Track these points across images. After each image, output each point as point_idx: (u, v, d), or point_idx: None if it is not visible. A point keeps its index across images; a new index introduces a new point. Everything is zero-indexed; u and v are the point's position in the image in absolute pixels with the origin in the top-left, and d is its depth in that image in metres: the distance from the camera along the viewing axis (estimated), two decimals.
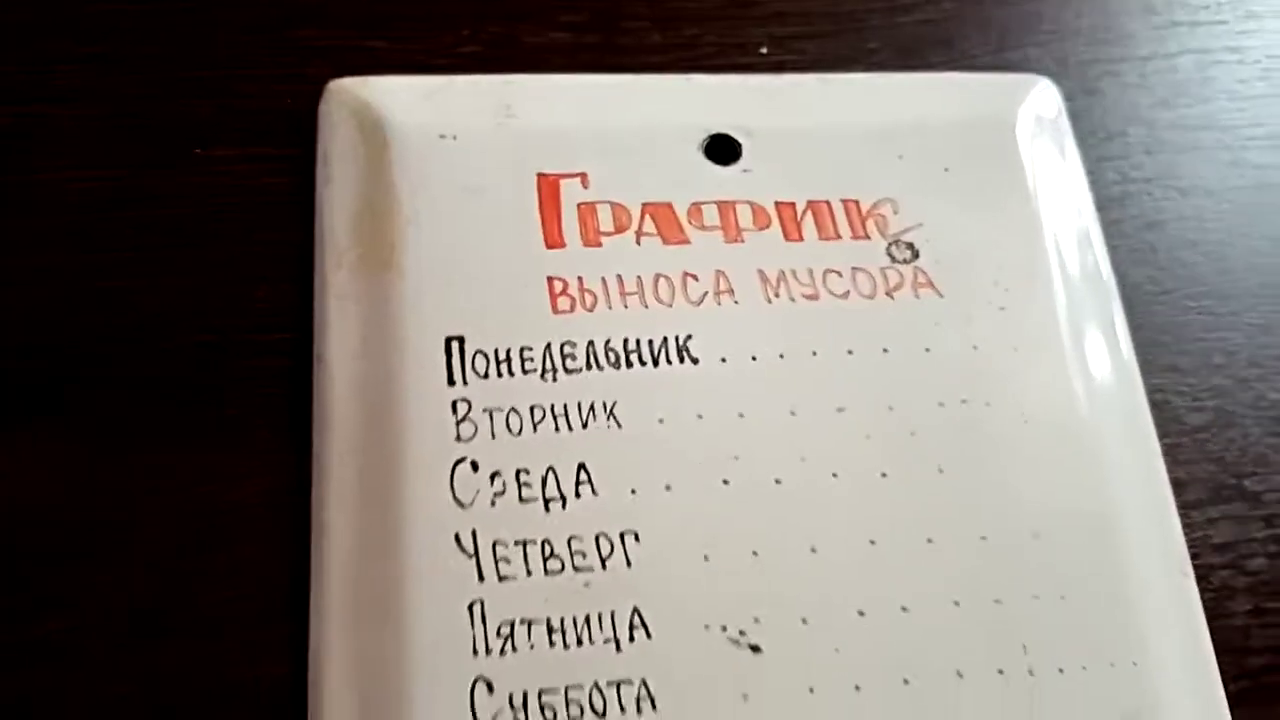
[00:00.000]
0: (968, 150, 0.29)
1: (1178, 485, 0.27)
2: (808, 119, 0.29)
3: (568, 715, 0.23)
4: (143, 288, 0.26)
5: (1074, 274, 0.28)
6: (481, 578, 0.23)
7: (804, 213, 0.28)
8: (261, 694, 0.23)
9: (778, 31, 0.30)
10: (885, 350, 0.26)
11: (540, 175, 0.27)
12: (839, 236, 0.28)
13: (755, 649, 0.23)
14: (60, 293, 0.26)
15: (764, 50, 0.30)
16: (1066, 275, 0.28)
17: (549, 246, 0.26)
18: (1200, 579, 0.26)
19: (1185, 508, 0.27)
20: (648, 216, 0.27)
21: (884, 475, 0.25)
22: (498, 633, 0.23)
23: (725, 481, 0.25)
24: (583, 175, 0.27)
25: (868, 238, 0.28)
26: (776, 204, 0.28)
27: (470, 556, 0.24)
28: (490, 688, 0.23)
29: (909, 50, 0.31)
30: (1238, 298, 0.29)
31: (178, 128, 0.28)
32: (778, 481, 0.25)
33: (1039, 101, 0.30)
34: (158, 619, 0.24)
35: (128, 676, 0.23)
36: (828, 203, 0.28)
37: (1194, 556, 0.26)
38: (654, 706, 0.23)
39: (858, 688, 0.23)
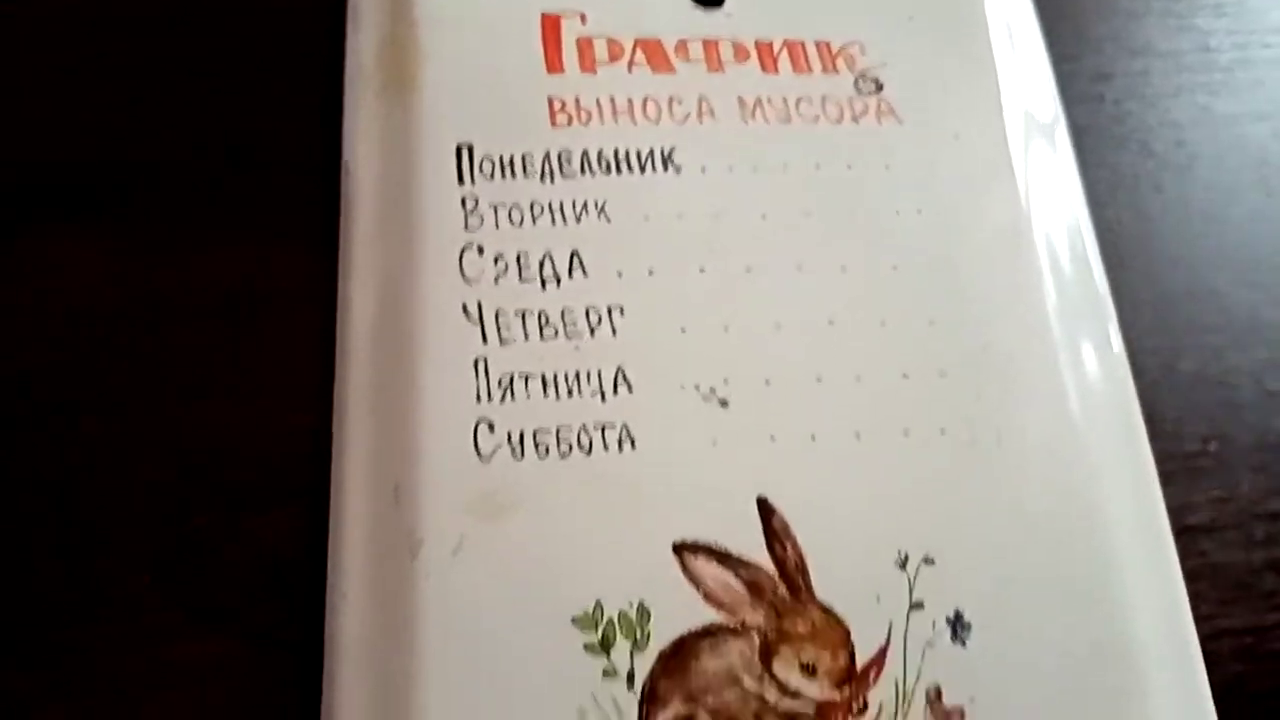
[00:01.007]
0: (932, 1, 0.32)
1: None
2: None
3: (558, 451, 0.26)
4: (191, 100, 0.30)
5: (1026, 110, 0.31)
6: (485, 340, 0.27)
7: (780, 49, 0.31)
8: (293, 438, 0.27)
9: None
10: (849, 166, 0.30)
11: (544, 14, 0.31)
12: (811, 70, 0.31)
13: (724, 403, 0.27)
14: (109, 101, 0.30)
15: None
16: (1018, 111, 0.31)
17: (550, 72, 0.30)
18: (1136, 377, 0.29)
19: (1124, 323, 0.30)
20: (639, 49, 0.31)
21: (843, 269, 0.28)
22: (499, 384, 0.26)
23: (701, 269, 0.28)
24: (582, 14, 0.31)
25: (837, 72, 0.31)
26: (756, 42, 0.31)
27: (475, 323, 0.27)
28: (491, 428, 0.26)
29: None
30: (1179, 128, 0.32)
31: None
32: (748, 270, 0.28)
33: None
34: (202, 385, 0.27)
35: (174, 429, 0.26)
36: (802, 42, 0.31)
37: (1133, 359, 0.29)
38: (634, 446, 0.26)
39: (813, 438, 0.27)
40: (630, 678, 0.24)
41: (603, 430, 0.26)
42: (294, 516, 0.26)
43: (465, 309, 0.27)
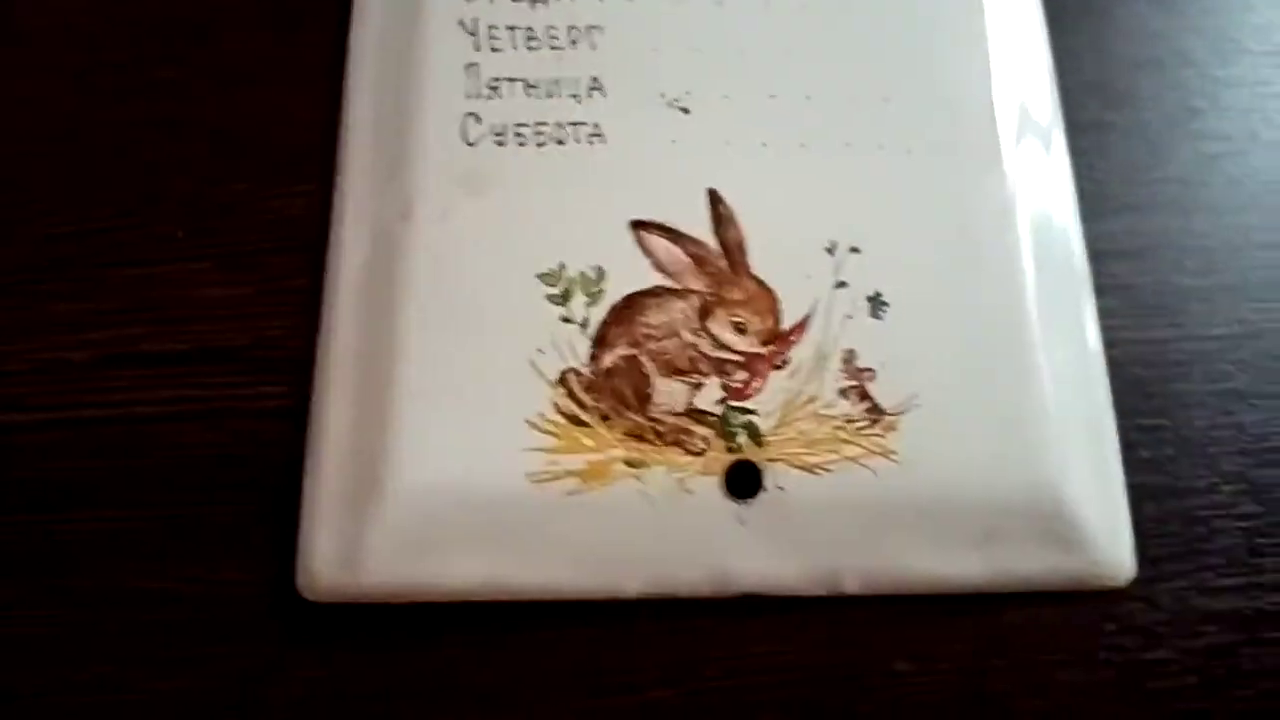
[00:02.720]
0: None
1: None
2: None
3: (536, 142, 0.30)
4: None
5: None
6: (478, 49, 0.31)
7: None
8: (303, 128, 0.31)
9: None
10: None
11: None
12: None
13: (685, 110, 0.30)
14: None
15: None
16: None
17: None
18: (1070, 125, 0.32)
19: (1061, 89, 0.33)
20: None
21: (804, 8, 0.32)
22: (488, 85, 0.30)
23: (676, 0, 0.31)
24: None
25: None
26: None
27: (471, 35, 0.31)
28: (478, 119, 0.30)
29: None
30: None
31: None
32: (718, 4, 0.31)
33: None
34: (230, 75, 0.31)
35: (211, 115, 0.31)
36: None
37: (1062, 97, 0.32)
38: (604, 141, 0.30)
39: (764, 144, 0.30)
40: (584, 324, 0.28)
41: (576, 128, 0.30)
42: (309, 191, 0.30)
43: (462, 23, 0.31)
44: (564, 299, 0.28)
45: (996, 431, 0.28)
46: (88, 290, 0.29)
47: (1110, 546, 0.27)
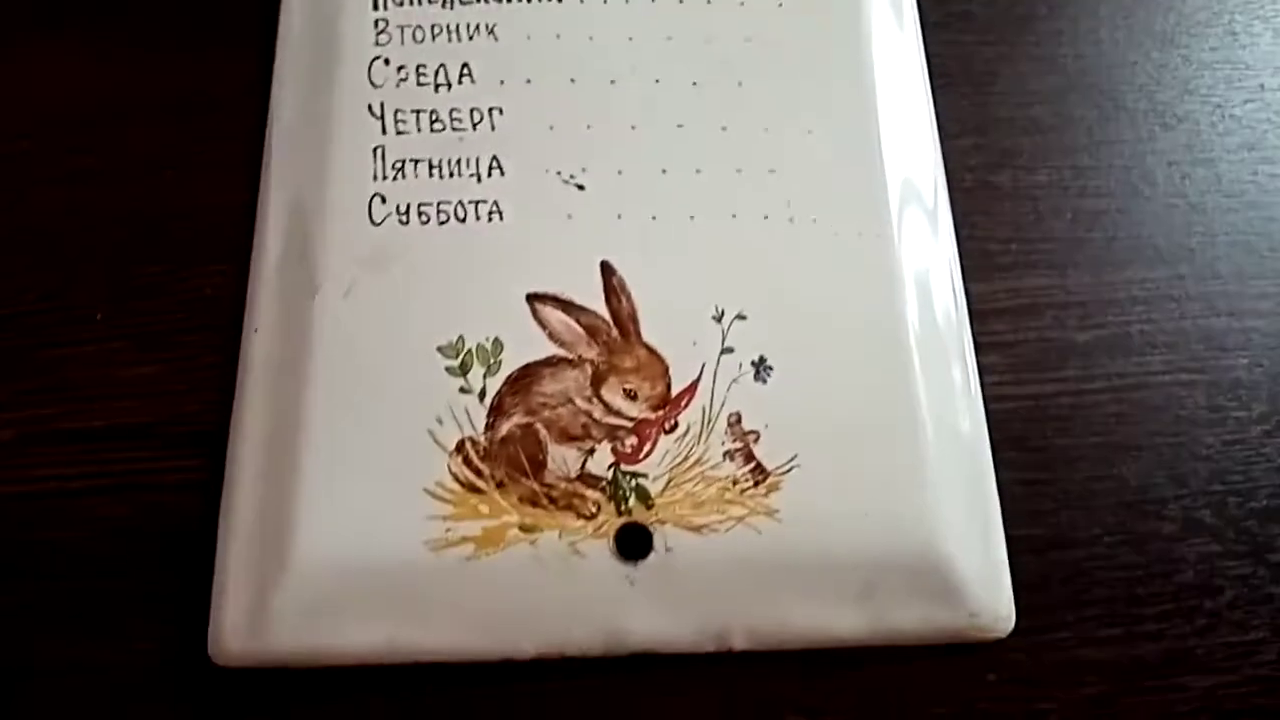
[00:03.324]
0: None
1: (944, 122, 0.34)
2: None
3: (438, 219, 0.31)
4: None
5: None
6: (384, 132, 0.32)
7: None
8: (228, 210, 0.32)
9: None
10: (708, 2, 0.34)
11: None
12: None
13: (580, 187, 0.32)
14: None
15: None
16: None
17: None
18: (952, 187, 0.33)
19: (947, 137, 0.34)
20: None
21: (695, 84, 0.33)
22: (392, 166, 0.32)
23: (572, 80, 0.33)
24: None
25: None
26: None
27: (378, 119, 0.32)
28: (383, 200, 0.31)
29: None
30: None
31: None
32: (612, 82, 0.33)
33: None
34: (154, 162, 0.33)
35: (131, 200, 0.32)
36: None
37: (949, 172, 0.34)
38: (502, 218, 0.31)
39: (654, 218, 0.32)
40: (482, 394, 0.29)
41: (476, 205, 0.31)
42: (224, 271, 0.31)
43: (370, 108, 0.32)
44: (462, 370, 0.29)
45: (876, 489, 0.29)
46: (8, 371, 0.30)
47: (989, 599, 0.29)
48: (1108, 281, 0.33)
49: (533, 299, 0.30)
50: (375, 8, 0.34)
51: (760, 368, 0.30)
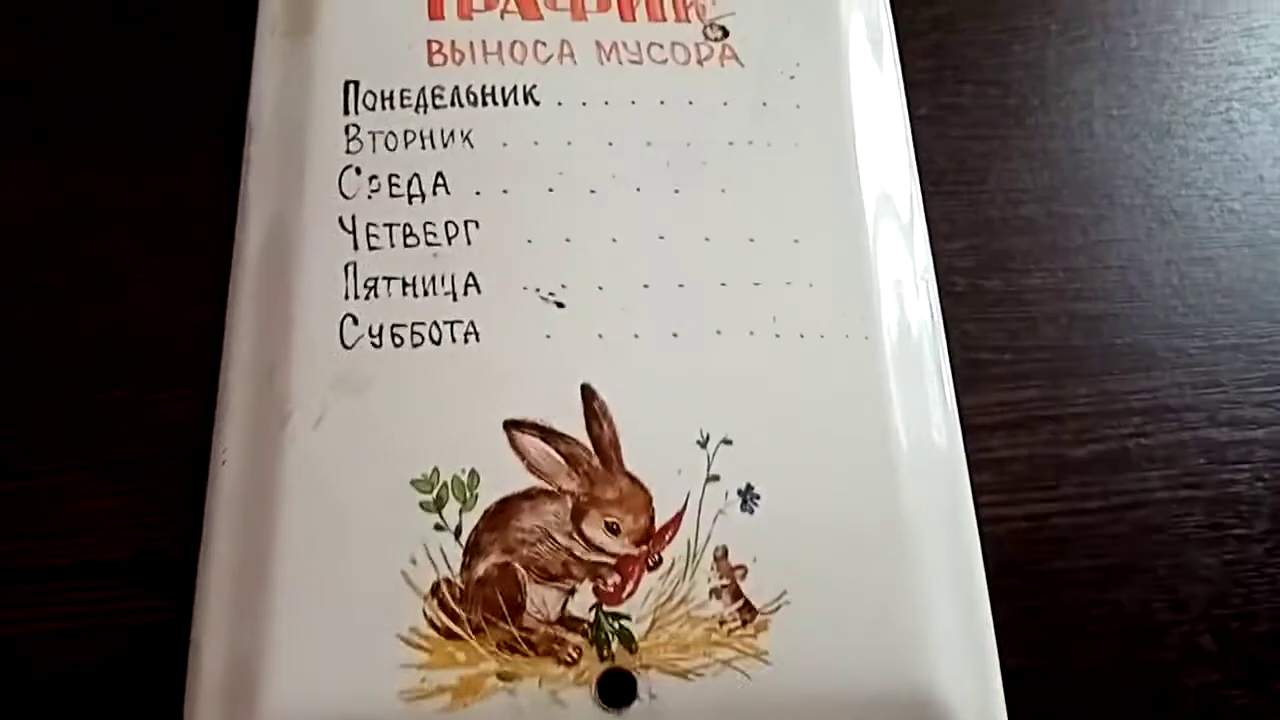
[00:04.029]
0: None
1: (934, 222, 0.33)
2: None
3: (412, 343, 0.30)
4: (119, 42, 0.34)
5: (862, 53, 0.35)
6: (356, 247, 0.31)
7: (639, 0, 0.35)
8: (194, 328, 0.31)
9: None
10: (690, 103, 0.33)
11: None
12: (664, 19, 0.35)
13: (560, 305, 0.31)
14: (44, 42, 0.34)
15: None
16: (856, 55, 0.35)
17: (432, 19, 0.34)
18: (943, 292, 0.32)
19: (939, 239, 0.33)
20: None
21: (676, 192, 0.32)
22: (364, 284, 0.31)
23: (550, 190, 0.32)
24: None
25: (688, 20, 0.35)
26: None
27: (349, 233, 0.31)
28: (355, 320, 0.30)
29: None
30: (1005, 84, 0.36)
31: None
32: (592, 192, 0.32)
33: None
34: (120, 275, 0.32)
35: (94, 317, 0.31)
36: None
37: (940, 275, 0.33)
38: (478, 339, 0.30)
39: (636, 336, 0.30)
40: (458, 531, 0.28)
41: (452, 326, 0.30)
42: (190, 395, 0.30)
43: (341, 221, 0.31)
44: (437, 505, 0.28)
45: (867, 625, 0.28)
46: None
47: None
48: (1105, 392, 0.32)
49: (510, 426, 0.29)
50: (346, 112, 0.33)
51: (747, 496, 0.29)
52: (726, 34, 0.34)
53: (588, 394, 0.30)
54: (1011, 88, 0.36)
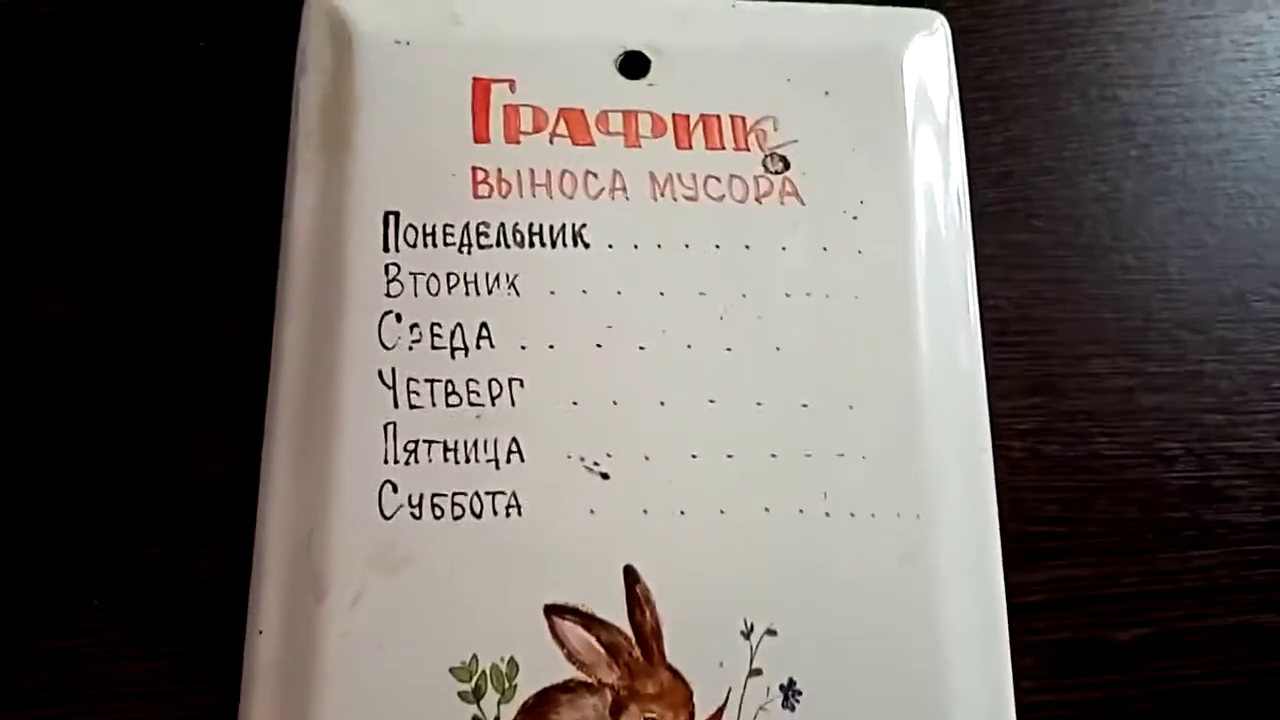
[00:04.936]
0: (850, 77, 0.33)
1: (994, 379, 0.32)
2: (712, 41, 0.33)
3: (452, 514, 0.29)
4: (153, 154, 0.32)
5: (929, 190, 0.33)
6: (396, 405, 0.30)
7: (696, 124, 0.33)
8: (227, 479, 0.30)
9: None
10: (747, 247, 0.32)
11: (475, 79, 0.32)
12: (723, 147, 0.33)
13: (605, 476, 0.30)
14: (80, 159, 0.32)
15: None
16: (922, 188, 0.33)
17: (476, 141, 0.32)
18: (999, 455, 0.31)
19: (997, 397, 0.32)
20: (562, 120, 0.32)
21: (729, 350, 0.31)
22: (404, 448, 0.30)
23: (599, 345, 0.31)
24: (511, 81, 0.32)
25: (748, 150, 0.33)
26: (674, 115, 0.33)
27: (389, 388, 0.30)
28: (395, 488, 0.29)
29: None
30: (1078, 220, 0.34)
31: (190, 19, 0.33)
32: (641, 348, 0.31)
33: (928, 39, 0.34)
34: (153, 413, 0.31)
35: (125, 464, 0.30)
36: (718, 117, 0.33)
37: (997, 437, 0.31)
38: (520, 513, 0.29)
39: (682, 513, 0.30)
40: None
41: (494, 497, 0.29)
42: (223, 552, 0.30)
43: (381, 375, 0.30)
44: (475, 696, 0.28)
45: None
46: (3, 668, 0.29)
47: None
48: (1157, 571, 0.31)
49: (551, 611, 0.29)
50: (386, 249, 0.31)
51: (789, 692, 0.29)
52: (788, 165, 0.33)
53: (631, 578, 0.29)
54: (1084, 224, 0.34)
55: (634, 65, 0.33)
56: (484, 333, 0.31)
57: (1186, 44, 0.35)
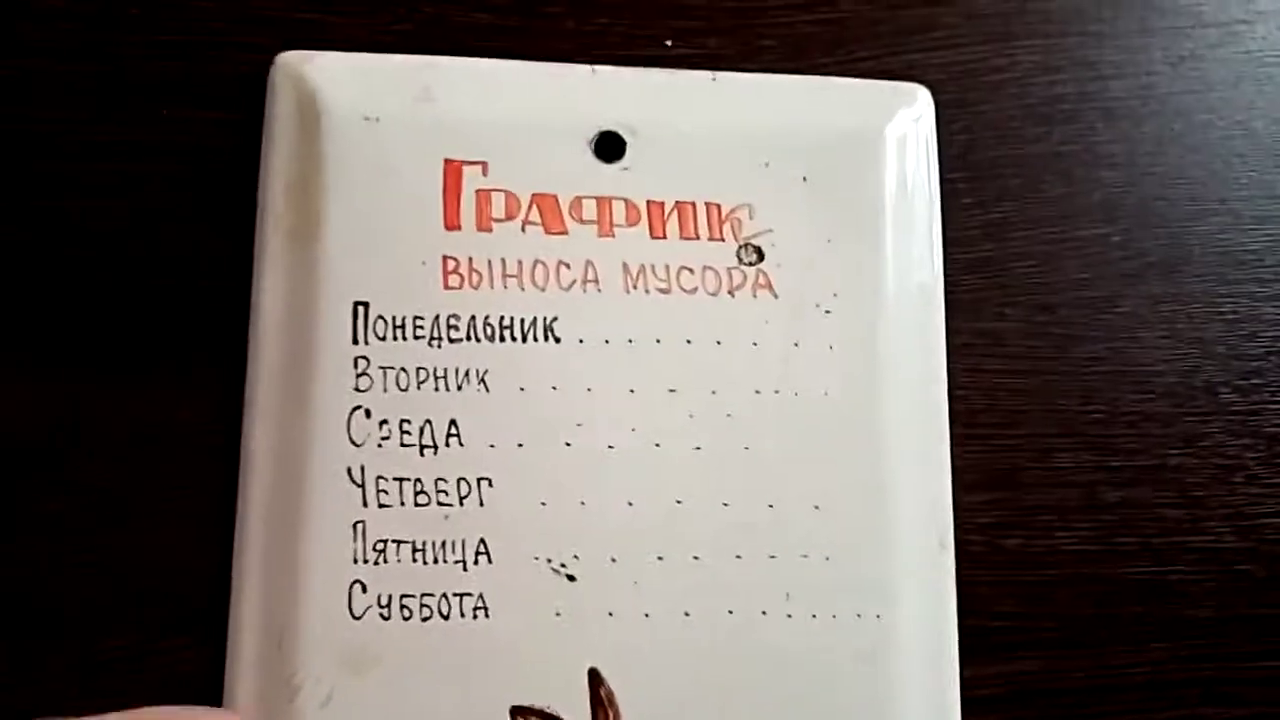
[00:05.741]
0: (829, 161, 0.33)
1: (959, 471, 0.32)
2: (688, 120, 0.33)
3: (420, 616, 0.30)
4: (114, 230, 0.32)
5: (903, 282, 0.33)
6: (365, 504, 0.30)
7: (671, 212, 0.32)
8: (199, 572, 0.31)
9: (683, 25, 0.34)
10: (718, 343, 0.32)
11: (447, 160, 0.32)
12: (697, 237, 0.32)
13: (571, 578, 0.30)
14: (31, 236, 0.32)
15: (669, 43, 0.34)
16: (897, 286, 0.33)
17: (447, 228, 0.32)
18: (959, 548, 0.32)
19: (962, 489, 0.32)
20: (535, 206, 0.32)
21: (698, 449, 0.31)
22: (374, 547, 0.30)
23: (568, 444, 0.31)
24: (483, 164, 0.32)
25: (722, 239, 0.32)
26: (648, 202, 0.32)
27: (359, 486, 0.30)
28: (364, 588, 0.30)
29: (800, 50, 0.34)
30: (1052, 308, 0.34)
31: (153, 86, 0.32)
32: (610, 447, 0.31)
33: (909, 114, 0.34)
34: (119, 507, 0.31)
35: (94, 556, 0.30)
36: (693, 204, 0.32)
37: (958, 530, 0.32)
38: (487, 615, 0.30)
39: (647, 615, 0.30)
40: None
41: (461, 599, 0.30)
42: (196, 645, 0.30)
43: (350, 472, 0.30)
44: None
45: None
46: None
47: None
48: (1106, 666, 0.32)
49: (516, 714, 0.30)
50: (355, 341, 0.31)
51: None
52: (762, 257, 0.32)
53: (595, 680, 0.30)
54: (1059, 312, 0.34)
55: (609, 147, 0.32)
56: (453, 430, 0.31)
57: (1175, 121, 0.34)
